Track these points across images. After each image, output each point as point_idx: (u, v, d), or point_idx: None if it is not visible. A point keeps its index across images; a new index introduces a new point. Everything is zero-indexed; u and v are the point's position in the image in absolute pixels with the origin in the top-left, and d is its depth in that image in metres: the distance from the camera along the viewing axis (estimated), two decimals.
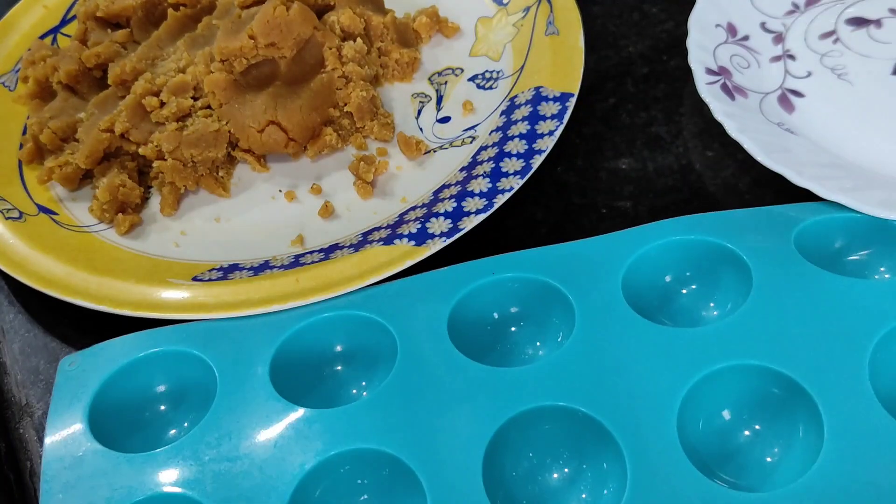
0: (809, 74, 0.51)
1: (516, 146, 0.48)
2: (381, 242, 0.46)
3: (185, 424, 0.42)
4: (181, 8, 0.56)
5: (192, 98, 0.52)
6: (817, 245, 0.43)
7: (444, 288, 0.43)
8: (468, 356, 0.40)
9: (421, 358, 0.41)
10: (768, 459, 0.38)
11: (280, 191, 0.51)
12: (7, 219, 0.51)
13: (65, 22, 0.62)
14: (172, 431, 0.42)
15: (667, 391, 0.38)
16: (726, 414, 0.39)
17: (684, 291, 0.44)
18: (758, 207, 0.45)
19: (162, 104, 0.51)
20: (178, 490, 0.38)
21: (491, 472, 0.37)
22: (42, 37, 0.62)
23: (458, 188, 0.48)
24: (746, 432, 0.38)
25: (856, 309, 0.39)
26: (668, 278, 0.44)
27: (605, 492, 0.37)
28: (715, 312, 0.43)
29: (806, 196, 0.44)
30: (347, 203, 0.50)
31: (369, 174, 0.50)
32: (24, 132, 0.57)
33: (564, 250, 0.44)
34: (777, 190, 0.45)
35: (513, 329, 0.44)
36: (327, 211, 0.49)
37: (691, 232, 0.43)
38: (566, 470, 0.38)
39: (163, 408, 0.43)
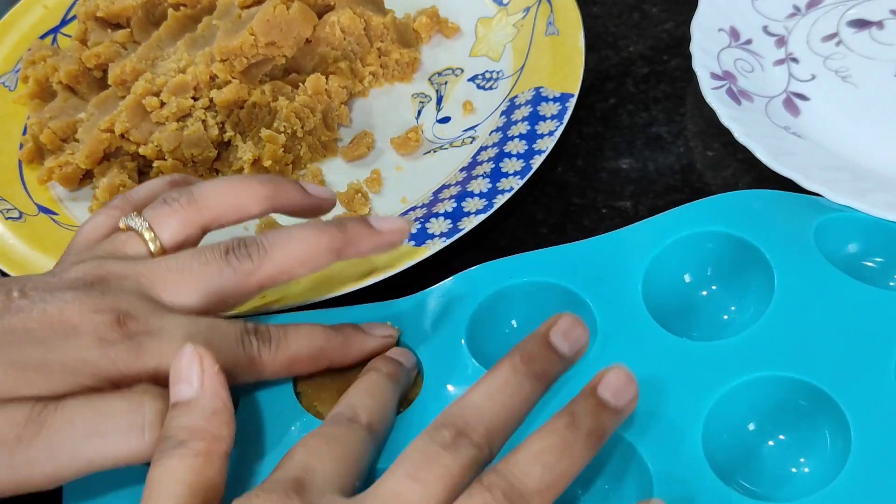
0: (813, 77, 0.51)
1: (516, 146, 0.48)
2: None
3: None
4: (181, 8, 0.56)
5: (192, 98, 0.51)
6: (836, 243, 0.42)
7: (461, 299, 0.42)
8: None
9: (442, 376, 0.40)
10: (793, 470, 0.37)
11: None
12: (7, 219, 0.51)
13: (65, 22, 0.62)
14: None
15: (691, 407, 0.37)
16: (751, 426, 0.38)
17: (704, 293, 0.43)
18: (780, 191, 0.44)
19: (162, 104, 0.51)
20: None
21: None
22: (42, 37, 0.62)
23: (458, 188, 0.48)
24: (771, 443, 0.38)
25: (880, 317, 0.39)
26: (687, 277, 0.43)
27: None
28: (737, 315, 0.42)
29: (808, 194, 0.44)
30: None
31: (365, 207, 0.49)
32: (24, 132, 0.57)
33: (579, 249, 0.43)
34: (778, 189, 0.45)
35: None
36: None
37: (712, 222, 0.42)
38: (591, 488, 0.38)
39: None
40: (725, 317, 0.42)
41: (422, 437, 0.31)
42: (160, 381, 0.35)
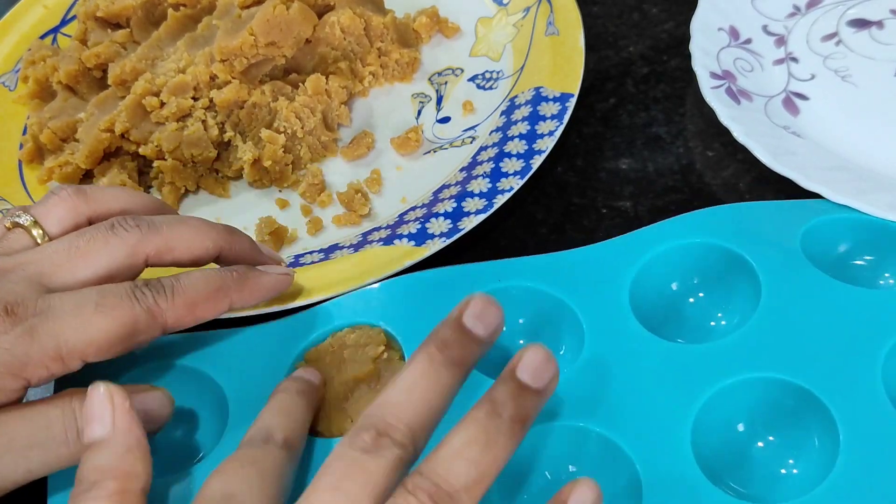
0: (813, 77, 0.51)
1: (516, 146, 0.48)
2: (381, 242, 0.46)
3: None
4: (181, 8, 0.56)
5: (192, 98, 0.52)
6: (824, 246, 0.43)
7: (448, 290, 0.42)
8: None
9: None
10: (782, 471, 0.37)
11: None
12: None
13: (65, 22, 0.62)
14: None
15: (680, 409, 0.37)
16: (740, 428, 0.38)
17: (691, 300, 0.43)
18: (765, 201, 0.44)
19: (162, 104, 0.51)
20: None
21: (508, 495, 0.37)
22: (42, 37, 0.62)
23: (458, 188, 0.48)
24: (760, 444, 0.38)
25: (865, 318, 0.39)
26: (674, 285, 0.43)
27: None
28: (723, 322, 0.42)
29: (807, 194, 0.44)
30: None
31: (365, 207, 0.49)
32: (24, 132, 0.57)
33: (569, 258, 0.43)
34: (777, 189, 0.45)
35: (521, 342, 0.43)
36: (315, 227, 0.49)
37: (698, 234, 0.43)
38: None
39: None
40: (712, 323, 0.42)
41: (342, 444, 0.30)
42: (65, 361, 0.35)
